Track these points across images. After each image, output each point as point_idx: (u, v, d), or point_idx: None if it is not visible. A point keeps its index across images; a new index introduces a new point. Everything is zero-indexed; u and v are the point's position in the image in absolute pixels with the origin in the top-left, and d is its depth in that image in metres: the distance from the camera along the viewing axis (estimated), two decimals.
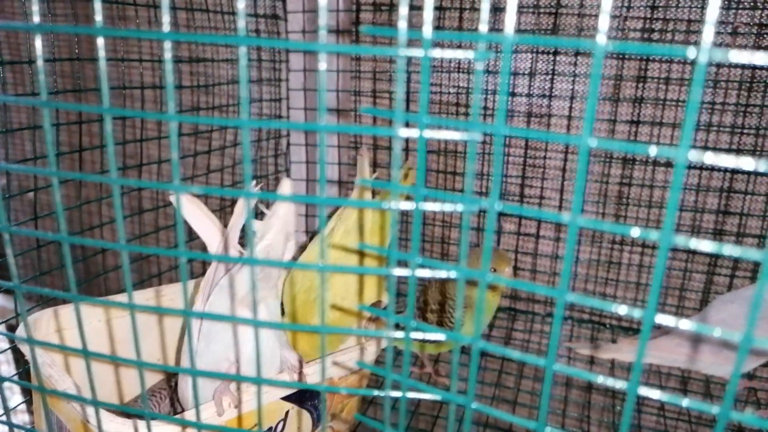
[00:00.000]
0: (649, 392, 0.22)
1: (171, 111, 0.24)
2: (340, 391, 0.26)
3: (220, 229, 0.55)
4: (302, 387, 0.51)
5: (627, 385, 0.22)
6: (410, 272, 0.25)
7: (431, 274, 0.25)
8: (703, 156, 0.19)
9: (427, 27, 0.22)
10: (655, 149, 0.20)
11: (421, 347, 0.79)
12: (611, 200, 0.90)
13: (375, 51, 0.23)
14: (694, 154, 0.19)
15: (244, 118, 0.24)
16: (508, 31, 0.21)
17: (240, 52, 0.23)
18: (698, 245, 0.20)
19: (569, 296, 0.22)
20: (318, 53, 0.24)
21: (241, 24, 0.23)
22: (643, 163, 0.87)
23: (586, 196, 0.92)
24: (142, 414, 0.30)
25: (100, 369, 0.62)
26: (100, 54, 0.25)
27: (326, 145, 0.98)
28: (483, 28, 0.22)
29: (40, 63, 0.27)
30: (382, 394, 0.27)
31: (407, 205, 0.25)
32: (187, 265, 0.94)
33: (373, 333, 0.25)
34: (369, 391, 0.27)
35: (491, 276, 0.24)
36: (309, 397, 0.57)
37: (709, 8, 0.18)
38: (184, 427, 0.42)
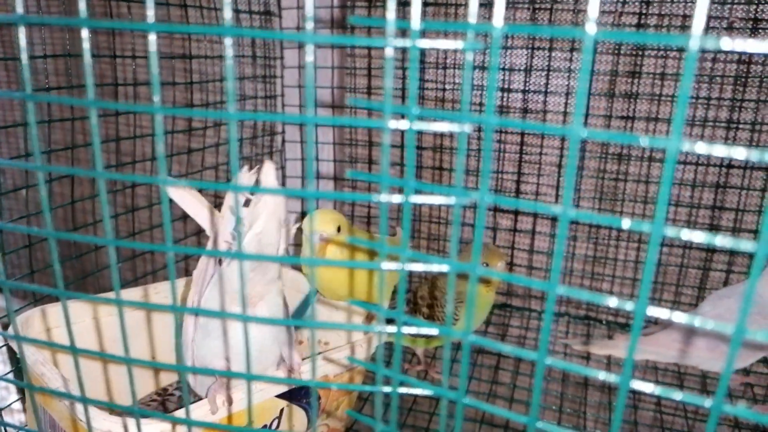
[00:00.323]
0: (641, 385, 0.21)
1: (156, 103, 0.24)
2: (330, 386, 0.26)
3: (217, 218, 0.55)
4: (290, 383, 0.50)
5: (619, 379, 0.22)
6: (401, 266, 0.25)
7: (422, 268, 0.25)
8: (695, 146, 0.19)
9: (415, 17, 0.22)
10: (647, 140, 0.20)
11: (416, 343, 0.78)
12: (607, 196, 0.90)
13: (363, 42, 0.23)
14: (686, 144, 0.19)
15: (230, 110, 0.23)
16: (497, 20, 0.21)
17: (225, 42, 0.23)
18: (689, 236, 0.19)
19: (560, 289, 0.22)
20: (308, 45, 0.23)
21: (227, 14, 0.23)
22: (639, 159, 0.87)
23: (582, 192, 0.92)
24: (132, 411, 0.30)
25: (92, 368, 0.62)
26: (85, 46, 0.25)
27: (322, 143, 0.98)
28: (472, 18, 0.22)
29: (24, 58, 0.26)
30: (373, 389, 0.27)
31: (397, 198, 0.24)
32: (182, 262, 0.94)
33: (362, 327, 0.24)
34: (359, 386, 0.26)
35: (481, 269, 0.23)
36: (304, 395, 0.57)
37: None
38: (174, 424, 0.41)
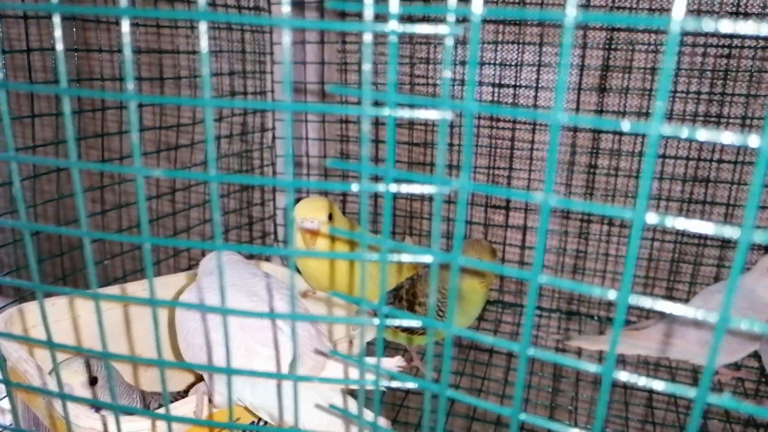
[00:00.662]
0: (621, 375, 0.21)
1: (129, 90, 0.23)
2: (312, 380, 0.25)
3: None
4: (273, 377, 0.50)
5: (602, 369, 0.22)
6: (382, 257, 0.25)
7: (404, 258, 0.24)
8: (676, 129, 0.18)
9: (393, 1, 0.22)
10: (628, 124, 0.19)
11: (408, 340, 0.78)
12: (598, 191, 0.90)
13: (341, 26, 0.22)
14: (667, 128, 0.19)
15: (206, 97, 0.23)
16: (476, 4, 0.20)
17: (200, 28, 0.22)
18: (671, 223, 0.19)
19: (541, 278, 0.22)
20: (284, 29, 0.23)
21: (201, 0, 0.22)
22: (630, 154, 0.87)
23: (573, 188, 0.92)
24: (111, 406, 0.29)
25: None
26: (57, 34, 0.24)
27: (313, 139, 0.97)
28: (452, 2, 0.21)
29: None
30: (356, 382, 0.27)
31: (379, 187, 0.24)
32: (172, 258, 0.93)
33: (344, 320, 0.24)
34: (344, 380, 0.26)
35: (462, 259, 0.23)
36: None
37: None
38: (154, 421, 0.41)
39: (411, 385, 0.25)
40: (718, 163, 0.84)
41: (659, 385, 0.20)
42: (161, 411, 0.45)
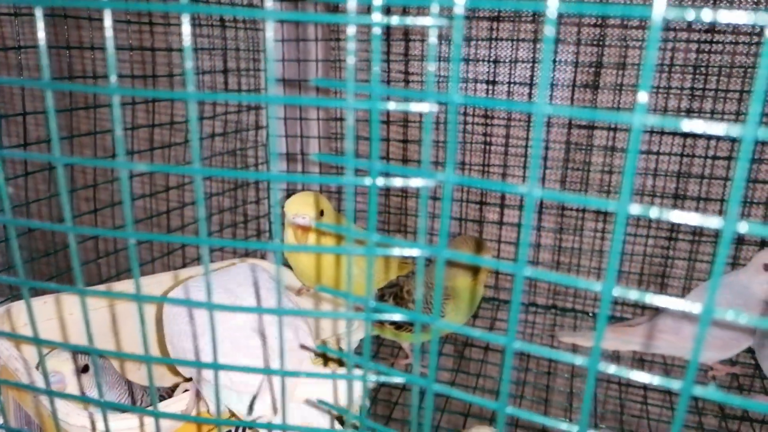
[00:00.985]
0: (606, 367, 0.21)
1: (112, 84, 0.23)
2: (300, 375, 0.25)
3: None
4: (261, 372, 0.49)
5: (587, 362, 0.22)
6: (368, 250, 0.24)
7: (390, 251, 0.24)
8: (659, 120, 0.18)
9: None
10: (611, 115, 0.19)
11: (402, 337, 0.78)
12: (593, 188, 0.90)
13: (323, 18, 0.22)
14: (650, 118, 0.19)
15: (189, 91, 0.23)
16: None
17: (182, 19, 0.22)
18: (654, 214, 0.19)
19: (527, 271, 0.22)
20: (268, 22, 0.23)
21: None
22: (624, 151, 0.87)
23: (568, 185, 0.92)
24: (98, 403, 0.29)
25: None
26: (39, 26, 0.24)
27: (307, 137, 0.97)
28: None
29: None
30: (344, 377, 0.27)
31: (364, 181, 0.24)
32: (166, 257, 0.93)
33: (329, 314, 0.24)
34: (330, 374, 0.26)
35: (447, 252, 0.23)
36: None
37: None
38: (139, 417, 0.40)
39: (398, 379, 0.25)
40: (713, 160, 0.84)
41: (644, 377, 0.20)
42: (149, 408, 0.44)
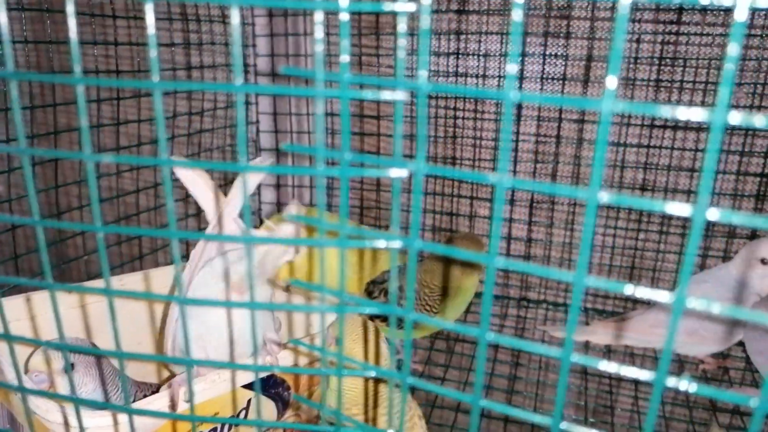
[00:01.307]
0: (581, 359, 0.21)
1: (77, 74, 0.22)
2: (273, 369, 0.25)
3: (221, 201, 0.55)
4: (239, 368, 0.49)
5: (560, 354, 0.21)
6: (340, 242, 0.24)
7: (364, 244, 0.24)
8: (628, 105, 0.18)
9: None
10: (581, 101, 0.19)
11: (393, 334, 0.78)
12: (584, 182, 0.90)
13: (290, 4, 0.22)
14: (619, 104, 0.18)
15: (154, 80, 0.22)
16: None
17: (146, 7, 0.21)
18: (624, 202, 0.19)
19: (498, 262, 0.21)
20: (233, 8, 0.22)
21: None
22: (614, 144, 0.87)
23: (560, 179, 0.91)
24: (71, 399, 0.29)
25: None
26: (2, 19, 0.24)
27: (297, 132, 0.97)
28: None
29: None
30: (319, 372, 0.26)
31: (334, 171, 0.23)
32: (161, 251, 0.93)
33: (307, 308, 0.23)
34: (305, 369, 0.25)
35: (420, 243, 0.22)
36: (272, 385, 0.56)
37: None
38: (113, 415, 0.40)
39: (371, 373, 0.25)
40: (703, 153, 0.84)
41: (613, 367, 0.20)
42: (145, 404, 0.44)
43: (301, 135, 0.97)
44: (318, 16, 0.22)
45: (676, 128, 0.84)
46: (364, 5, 0.21)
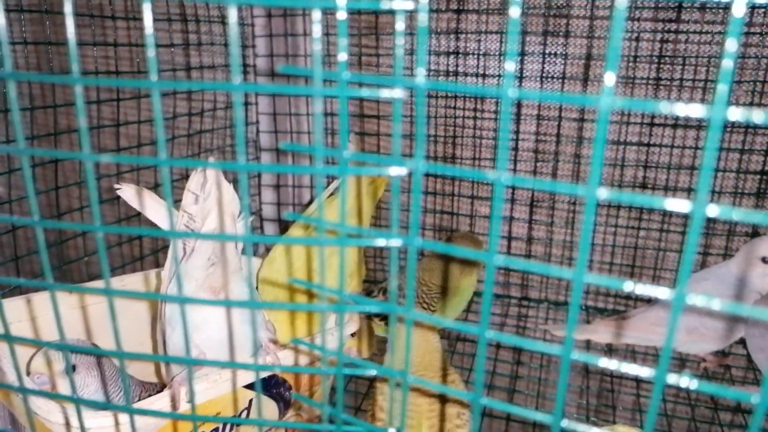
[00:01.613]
0: (581, 357, 0.21)
1: (75, 74, 0.22)
2: (274, 369, 0.25)
3: (171, 212, 0.54)
4: (237, 366, 0.49)
5: (560, 351, 0.21)
6: (339, 242, 0.24)
7: (362, 243, 0.24)
8: (625, 102, 0.18)
9: None
10: (579, 98, 0.19)
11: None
12: (584, 181, 0.90)
13: (289, 3, 0.22)
14: (617, 101, 0.18)
15: (152, 79, 0.22)
16: None
17: (144, 7, 0.21)
18: (622, 198, 0.19)
19: (497, 260, 0.21)
20: (230, 7, 0.22)
21: None
22: (614, 143, 0.87)
23: (560, 178, 0.91)
24: (72, 399, 0.29)
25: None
26: (0, 21, 0.24)
27: (297, 132, 0.97)
28: None
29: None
30: (318, 371, 0.26)
31: (332, 170, 0.23)
32: (160, 252, 0.93)
33: (306, 307, 0.23)
34: (304, 368, 0.25)
35: (419, 241, 0.22)
36: (274, 385, 0.56)
37: None
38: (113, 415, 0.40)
39: (371, 371, 0.25)
40: (703, 151, 0.84)
41: (613, 364, 0.20)
42: (146, 404, 0.44)
43: (301, 135, 0.97)
44: (316, 15, 0.22)
45: (676, 126, 0.84)
46: (362, 3, 0.21)
